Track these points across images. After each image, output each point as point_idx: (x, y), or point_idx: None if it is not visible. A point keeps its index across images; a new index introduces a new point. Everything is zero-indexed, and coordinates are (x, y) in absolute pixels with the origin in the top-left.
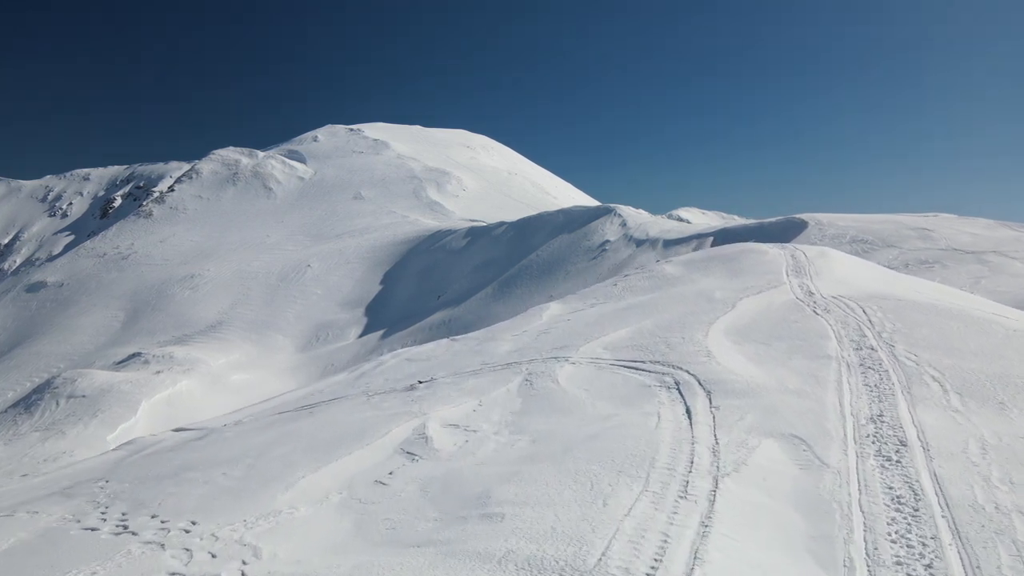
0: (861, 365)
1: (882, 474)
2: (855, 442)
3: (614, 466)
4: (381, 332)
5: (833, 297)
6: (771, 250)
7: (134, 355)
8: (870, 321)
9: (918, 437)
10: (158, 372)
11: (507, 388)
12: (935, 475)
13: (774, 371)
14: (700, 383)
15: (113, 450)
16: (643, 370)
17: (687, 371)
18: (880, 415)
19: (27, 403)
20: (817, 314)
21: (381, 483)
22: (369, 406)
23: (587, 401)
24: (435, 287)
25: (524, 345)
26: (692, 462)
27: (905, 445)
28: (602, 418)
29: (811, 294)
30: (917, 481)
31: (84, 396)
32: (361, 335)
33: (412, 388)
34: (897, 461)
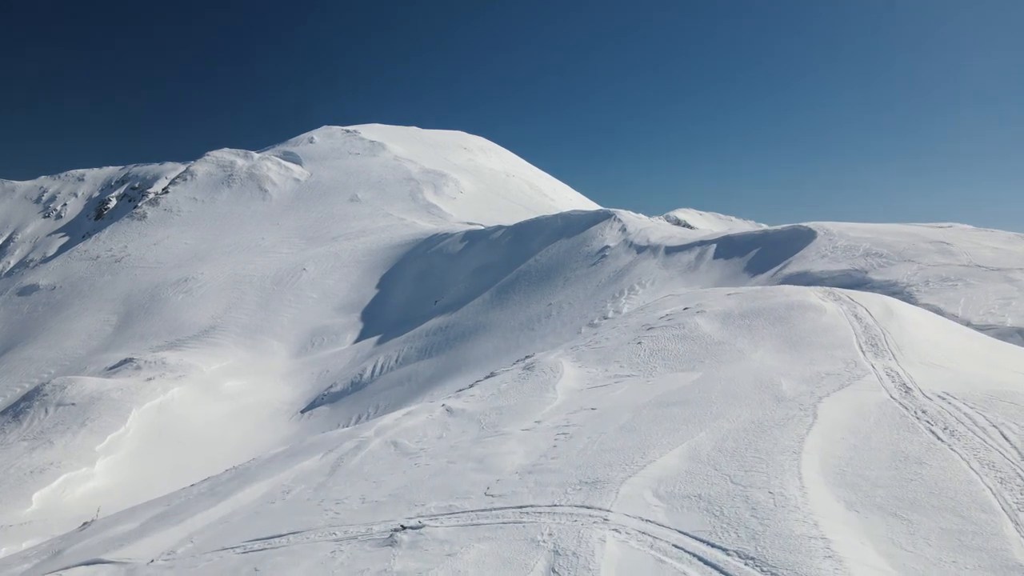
0: None
1: None
2: None
3: None
4: (377, 338)
5: (940, 396)
6: (827, 305)
7: (126, 360)
8: None
9: None
10: (150, 379)
11: None
12: None
13: None
14: None
15: None
16: None
17: None
18: None
19: (16, 411)
20: (940, 439)
21: None
22: None
23: None
24: (432, 291)
25: (539, 458)
26: None
27: None
28: None
29: (908, 390)
30: None
31: (74, 404)
32: (357, 340)
33: (392, 541)
34: None
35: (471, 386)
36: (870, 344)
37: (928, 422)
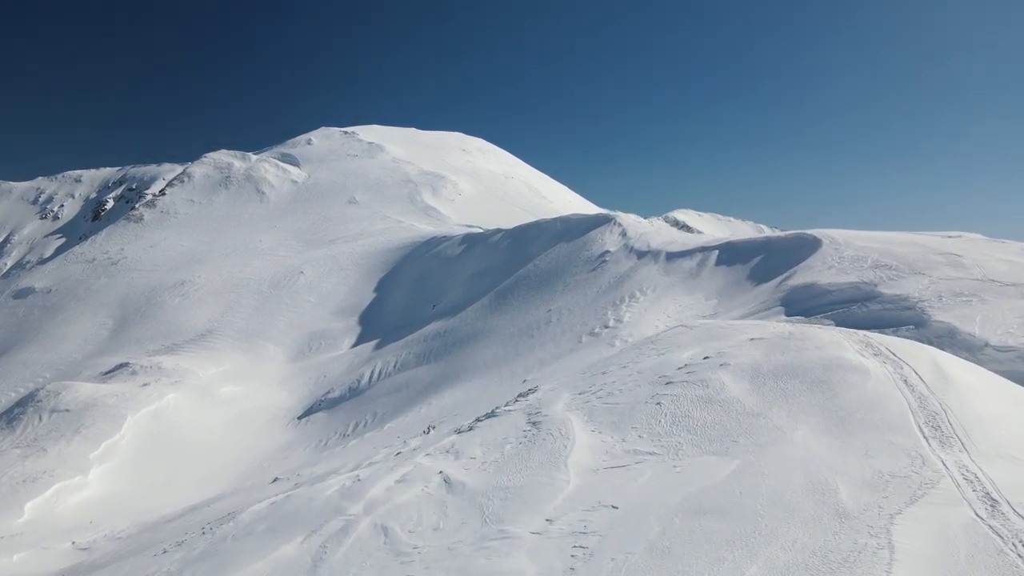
0: None
1: None
2: None
3: None
4: (375, 342)
5: None
6: (869, 365)
7: (122, 365)
8: None
9: None
10: (145, 384)
11: None
12: None
13: None
14: None
15: None
16: None
17: None
18: None
19: (9, 417)
20: None
21: None
22: None
23: None
24: (430, 295)
25: None
26: None
27: None
28: None
29: (994, 504)
30: None
31: (68, 410)
32: (354, 345)
33: None
34: None
35: (470, 428)
36: (931, 426)
37: None
